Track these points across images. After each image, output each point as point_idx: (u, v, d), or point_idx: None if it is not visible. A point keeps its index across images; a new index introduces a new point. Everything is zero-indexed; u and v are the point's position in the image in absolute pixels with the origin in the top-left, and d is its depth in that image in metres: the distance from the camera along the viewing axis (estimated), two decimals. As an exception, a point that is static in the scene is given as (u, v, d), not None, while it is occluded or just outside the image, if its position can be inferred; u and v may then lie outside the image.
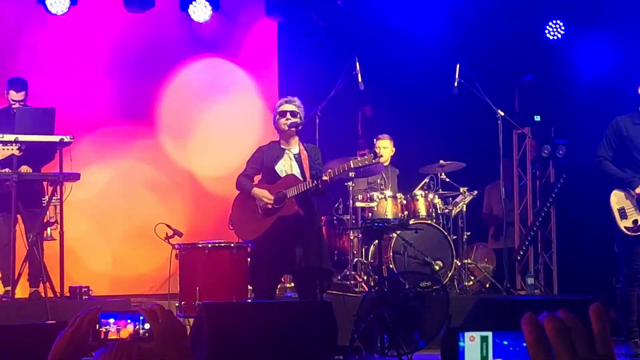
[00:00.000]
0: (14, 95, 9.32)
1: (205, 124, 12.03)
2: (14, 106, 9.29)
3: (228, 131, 12.07)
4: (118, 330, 2.50)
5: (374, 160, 8.41)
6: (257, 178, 8.74)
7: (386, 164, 10.73)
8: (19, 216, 8.91)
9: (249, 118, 12.16)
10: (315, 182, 8.10)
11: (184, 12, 11.55)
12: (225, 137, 12.00)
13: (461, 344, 1.73)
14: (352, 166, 8.44)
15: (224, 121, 12.12)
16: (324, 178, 8.16)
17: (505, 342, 1.70)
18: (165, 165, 11.83)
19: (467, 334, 1.74)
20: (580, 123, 11.35)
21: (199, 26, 11.75)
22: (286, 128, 8.50)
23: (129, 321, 2.49)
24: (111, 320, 2.51)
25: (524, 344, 1.39)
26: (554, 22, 12.13)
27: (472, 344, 1.73)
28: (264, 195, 8.38)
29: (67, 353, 2.20)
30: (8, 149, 8.43)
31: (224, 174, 10.72)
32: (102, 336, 2.41)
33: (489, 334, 1.72)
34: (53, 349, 2.20)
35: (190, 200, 11.83)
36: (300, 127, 8.58)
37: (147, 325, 2.39)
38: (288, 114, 8.53)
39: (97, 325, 2.36)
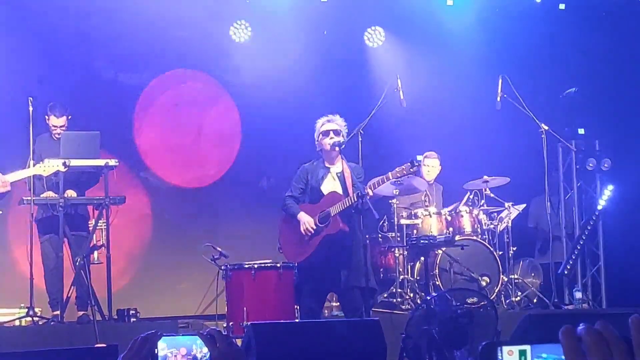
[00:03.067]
0: (54, 120, 9.20)
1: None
2: (54, 132, 9.18)
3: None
4: (175, 354, 2.51)
5: (411, 170, 8.40)
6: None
7: (431, 181, 10.73)
8: (64, 239, 8.95)
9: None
10: (357, 195, 8.12)
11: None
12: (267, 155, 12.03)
13: (499, 358, 1.72)
14: (390, 177, 8.44)
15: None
16: (367, 191, 8.19)
17: (545, 355, 1.68)
18: (211, 187, 11.88)
19: (506, 348, 1.73)
20: (625, 135, 11.26)
21: (238, 45, 11.75)
22: (329, 148, 8.51)
23: (187, 344, 2.50)
24: (169, 344, 2.51)
25: (562, 357, 1.38)
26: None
27: (511, 358, 1.72)
28: (307, 221, 8.43)
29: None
30: (53, 166, 8.49)
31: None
32: (161, 360, 2.42)
33: (527, 347, 1.71)
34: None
35: (235, 224, 11.81)
36: (343, 146, 8.58)
37: (205, 350, 2.39)
38: (331, 132, 8.54)
39: (156, 350, 2.37)
